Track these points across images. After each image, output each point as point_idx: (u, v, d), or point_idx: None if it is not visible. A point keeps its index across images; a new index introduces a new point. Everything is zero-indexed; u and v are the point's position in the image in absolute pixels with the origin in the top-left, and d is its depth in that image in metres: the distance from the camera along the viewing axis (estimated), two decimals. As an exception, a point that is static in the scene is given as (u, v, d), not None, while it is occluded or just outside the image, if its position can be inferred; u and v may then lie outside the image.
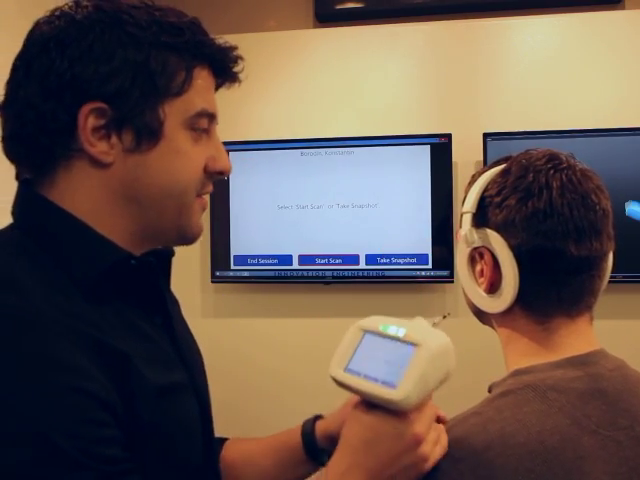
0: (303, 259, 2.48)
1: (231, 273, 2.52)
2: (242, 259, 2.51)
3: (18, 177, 0.75)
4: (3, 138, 0.73)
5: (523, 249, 0.77)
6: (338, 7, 2.58)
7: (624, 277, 2.23)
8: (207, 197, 0.80)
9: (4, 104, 0.72)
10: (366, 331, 0.73)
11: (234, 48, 0.78)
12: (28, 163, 0.73)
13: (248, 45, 2.92)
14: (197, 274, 2.62)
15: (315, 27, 2.66)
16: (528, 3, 2.50)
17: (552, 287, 0.78)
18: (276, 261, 2.49)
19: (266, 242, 2.50)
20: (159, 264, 0.80)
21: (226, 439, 0.99)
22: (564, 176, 0.78)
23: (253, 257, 2.51)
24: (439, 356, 0.68)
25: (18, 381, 0.59)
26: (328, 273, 2.46)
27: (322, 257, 2.47)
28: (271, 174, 2.49)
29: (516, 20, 2.47)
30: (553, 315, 0.79)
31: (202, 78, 0.75)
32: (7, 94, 0.72)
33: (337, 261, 2.46)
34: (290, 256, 2.49)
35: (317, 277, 2.47)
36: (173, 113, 0.72)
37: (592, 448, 0.72)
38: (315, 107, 2.54)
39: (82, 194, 0.72)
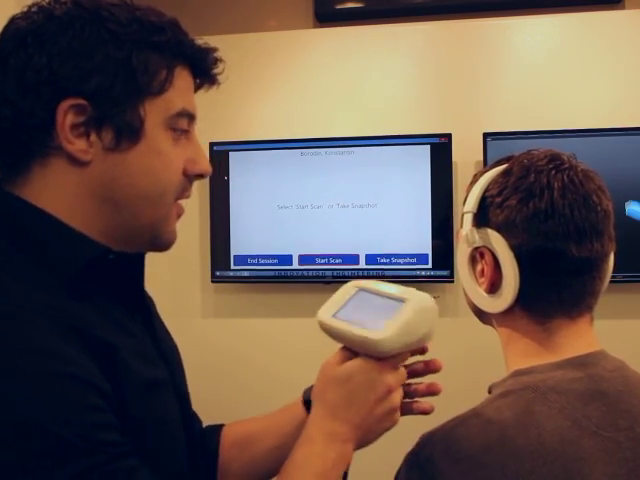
0: (303, 259, 2.48)
1: (231, 273, 2.52)
2: (242, 259, 2.51)
3: None
4: None
5: (524, 249, 0.77)
6: (338, 7, 2.58)
7: (624, 277, 2.23)
8: (184, 203, 0.79)
9: None
10: (360, 288, 0.77)
11: (214, 49, 0.77)
12: (1, 160, 0.72)
13: (248, 45, 2.91)
14: (197, 274, 2.62)
15: (315, 27, 2.66)
16: (528, 3, 2.49)
17: (553, 288, 0.78)
18: (276, 261, 2.49)
19: (266, 242, 2.50)
20: (135, 261, 0.79)
21: (222, 425, 0.99)
22: (565, 177, 0.78)
23: (253, 257, 2.50)
24: (424, 310, 0.73)
25: (9, 374, 0.58)
26: (328, 273, 2.46)
27: (322, 257, 2.46)
28: (271, 174, 2.49)
29: (516, 20, 2.46)
30: (553, 316, 0.79)
31: (182, 78, 0.74)
32: None
33: (337, 261, 2.45)
34: (290, 256, 2.49)
35: (317, 277, 2.46)
36: (154, 112, 0.71)
37: (592, 449, 0.71)
38: (315, 107, 2.54)
39: (57, 193, 0.70)
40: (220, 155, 2.47)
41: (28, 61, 0.67)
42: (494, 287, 0.81)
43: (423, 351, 0.84)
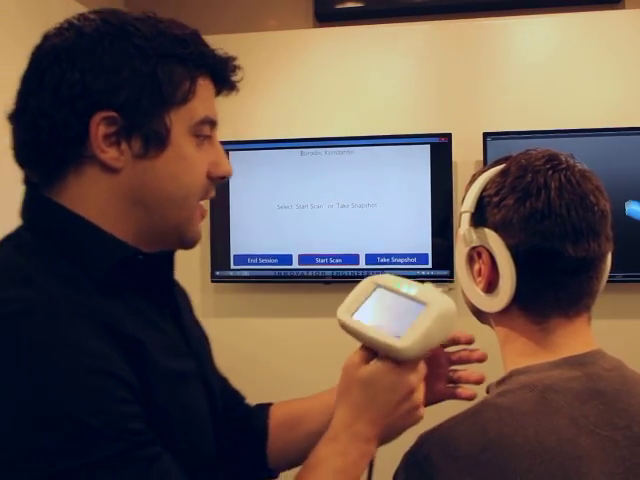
0: (303, 259, 2.48)
1: (231, 273, 2.52)
2: (242, 259, 2.51)
3: (25, 181, 0.79)
4: (14, 145, 0.77)
5: (521, 249, 0.77)
6: (338, 7, 2.58)
7: (624, 277, 2.23)
8: (205, 204, 0.83)
9: (14, 113, 0.76)
10: (378, 285, 0.78)
11: (233, 58, 0.82)
12: (39, 169, 0.77)
13: (248, 45, 2.92)
14: (197, 274, 2.62)
15: (315, 27, 2.66)
16: (528, 3, 2.50)
17: (549, 288, 0.78)
18: (276, 261, 2.49)
19: (266, 242, 2.50)
20: (163, 260, 0.84)
21: (270, 403, 1.06)
22: (563, 177, 0.78)
23: (253, 257, 2.51)
24: (445, 317, 0.73)
25: (45, 368, 0.62)
26: (328, 273, 2.46)
27: (322, 257, 2.47)
28: (271, 174, 2.49)
29: (516, 20, 2.47)
30: (550, 315, 0.79)
31: (204, 87, 0.79)
32: (17, 104, 0.76)
33: (337, 261, 2.46)
34: (290, 256, 2.49)
35: (317, 277, 2.47)
36: (179, 121, 0.76)
37: (590, 448, 0.72)
38: (315, 107, 2.54)
39: (91, 198, 0.75)
40: (220, 155, 2.46)
41: (62, 76, 0.72)
42: (491, 286, 0.81)
43: (470, 341, 0.92)
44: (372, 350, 0.76)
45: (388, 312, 0.75)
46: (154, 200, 0.77)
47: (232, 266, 2.51)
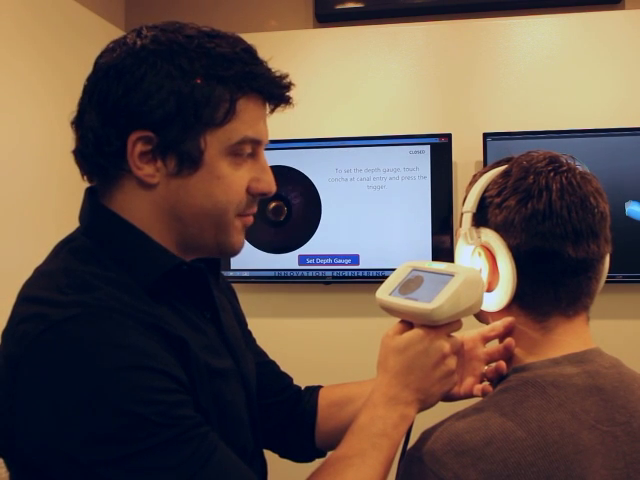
0: (303, 259, 2.48)
1: (231, 273, 2.52)
2: (242, 259, 2.51)
3: (89, 181, 0.84)
4: (74, 150, 0.81)
5: (522, 249, 0.78)
6: (338, 7, 2.58)
7: (624, 277, 2.23)
8: (251, 215, 0.85)
9: (75, 121, 0.80)
10: (413, 268, 0.84)
11: (284, 76, 0.84)
12: (91, 177, 0.82)
13: (248, 45, 2.85)
14: (197, 274, 2.62)
15: (315, 27, 2.66)
16: (528, 3, 2.50)
17: (549, 287, 0.79)
18: (276, 261, 2.49)
19: (266, 242, 2.50)
20: (208, 265, 0.87)
21: (320, 386, 1.11)
22: (564, 179, 0.79)
23: (253, 257, 2.51)
24: (471, 282, 0.78)
25: (96, 366, 0.67)
26: (328, 273, 2.46)
27: (322, 257, 2.47)
28: (271, 174, 2.49)
29: (516, 20, 2.47)
30: (551, 314, 0.81)
31: (248, 106, 0.79)
32: (78, 112, 0.80)
33: (337, 261, 2.46)
34: (290, 256, 2.49)
35: (317, 277, 2.47)
36: (214, 142, 0.77)
37: (591, 443, 0.73)
38: (315, 107, 2.54)
39: (133, 209, 0.79)
40: (220, 155, 2.46)
41: (108, 93, 0.76)
42: (491, 286, 0.82)
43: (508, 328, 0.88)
44: (408, 323, 0.82)
45: (421, 287, 0.80)
46: (190, 215, 0.79)
47: (232, 266, 2.51)
